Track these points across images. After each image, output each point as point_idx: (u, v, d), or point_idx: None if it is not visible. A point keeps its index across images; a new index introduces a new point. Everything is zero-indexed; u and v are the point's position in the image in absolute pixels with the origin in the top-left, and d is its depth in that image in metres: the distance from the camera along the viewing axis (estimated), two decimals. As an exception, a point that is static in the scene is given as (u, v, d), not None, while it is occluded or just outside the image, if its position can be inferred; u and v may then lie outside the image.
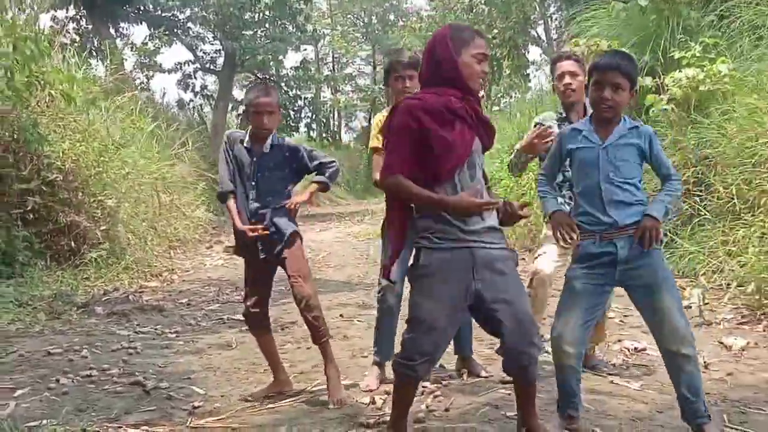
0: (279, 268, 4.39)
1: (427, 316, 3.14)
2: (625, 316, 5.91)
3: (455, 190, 3.18)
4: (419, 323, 3.16)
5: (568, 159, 3.56)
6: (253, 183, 4.31)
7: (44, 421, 3.80)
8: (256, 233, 4.21)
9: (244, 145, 4.34)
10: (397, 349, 3.34)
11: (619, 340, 5.36)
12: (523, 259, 9.33)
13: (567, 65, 4.58)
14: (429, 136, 3.14)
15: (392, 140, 3.25)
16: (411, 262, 3.29)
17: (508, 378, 3.62)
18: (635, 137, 3.44)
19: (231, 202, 4.33)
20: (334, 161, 4.48)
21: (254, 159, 4.30)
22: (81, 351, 5.51)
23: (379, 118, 4.50)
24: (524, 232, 10.21)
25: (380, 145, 4.19)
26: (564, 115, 4.64)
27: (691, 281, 6.86)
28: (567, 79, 4.55)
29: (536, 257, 4.61)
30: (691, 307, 6.11)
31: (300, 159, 4.40)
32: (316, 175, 4.43)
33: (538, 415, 3.44)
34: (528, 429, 3.39)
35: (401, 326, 3.47)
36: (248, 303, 4.46)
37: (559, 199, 4.42)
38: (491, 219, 3.25)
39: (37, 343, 5.75)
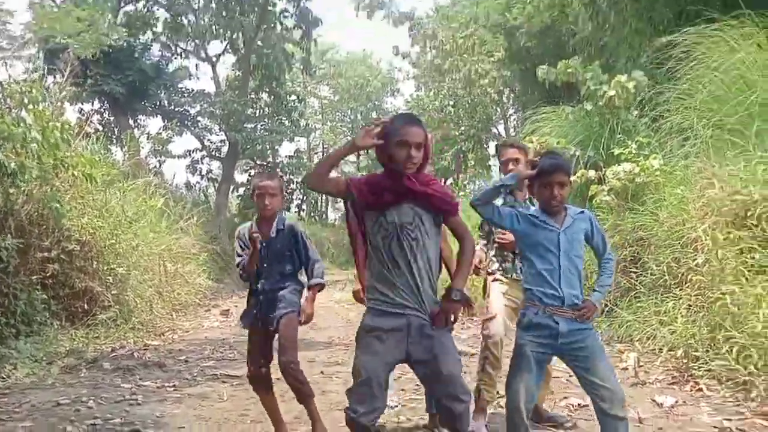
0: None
1: (364, 370, 3.12)
2: (570, 375, 5.84)
3: (380, 251, 3.17)
4: (359, 378, 3.13)
5: (520, 238, 3.54)
6: (265, 265, 4.22)
7: (50, 465, 3.69)
8: (257, 236, 4.13)
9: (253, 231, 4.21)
10: None
11: (565, 398, 5.33)
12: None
13: (511, 153, 4.59)
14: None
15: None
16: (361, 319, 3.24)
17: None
18: (582, 221, 3.48)
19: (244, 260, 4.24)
20: (319, 260, 4.38)
21: (263, 244, 4.20)
22: (87, 402, 5.40)
23: None
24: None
25: None
26: (509, 192, 4.54)
27: (628, 346, 6.86)
28: (511, 165, 4.54)
29: (487, 320, 4.53)
30: (627, 369, 6.11)
31: (299, 247, 4.30)
32: (310, 275, 4.33)
33: None
34: None
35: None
36: (251, 367, 4.30)
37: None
38: (428, 287, 3.19)
39: (49, 395, 5.63)
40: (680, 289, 6.60)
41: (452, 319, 3.19)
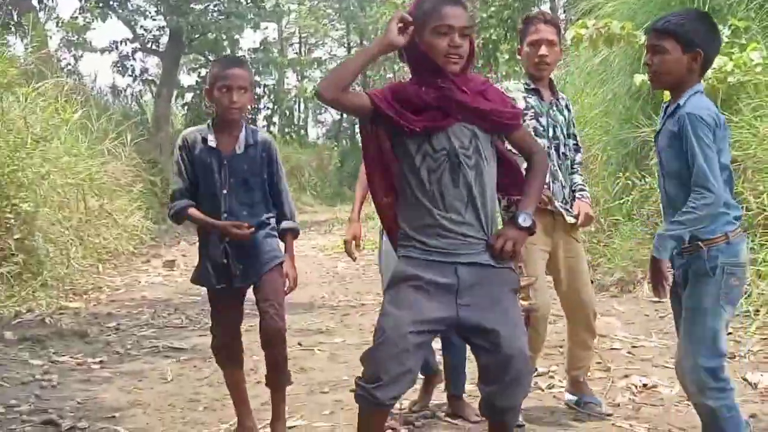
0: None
1: (392, 329, 3.03)
2: (634, 346, 5.92)
3: (424, 188, 3.09)
4: (383, 335, 3.04)
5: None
6: (224, 192, 4.04)
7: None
8: (243, 232, 3.95)
9: (209, 144, 4.05)
10: None
11: (626, 376, 5.39)
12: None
13: (545, 31, 4.38)
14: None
15: None
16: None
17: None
18: (673, 122, 3.25)
19: (193, 210, 4.05)
20: (290, 198, 4.31)
21: (224, 163, 4.04)
22: (-15, 383, 5.47)
23: None
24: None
25: None
26: (531, 86, 4.50)
27: (714, 307, 6.90)
28: (543, 50, 4.37)
29: (526, 286, 4.51)
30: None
31: (272, 171, 4.16)
32: (280, 216, 4.21)
33: None
34: None
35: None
36: (216, 333, 4.25)
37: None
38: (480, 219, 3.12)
39: (-68, 374, 5.70)
40: (786, 229, 6.63)
41: (515, 250, 3.13)
